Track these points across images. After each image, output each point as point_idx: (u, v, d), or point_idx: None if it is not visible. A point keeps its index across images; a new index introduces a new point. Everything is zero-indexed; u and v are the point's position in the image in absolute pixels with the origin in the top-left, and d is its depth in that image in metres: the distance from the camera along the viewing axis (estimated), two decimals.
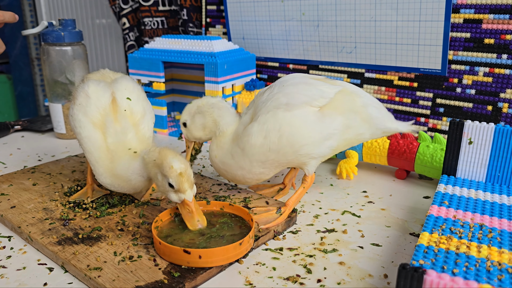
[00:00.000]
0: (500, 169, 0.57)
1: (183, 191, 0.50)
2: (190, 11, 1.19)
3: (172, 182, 0.50)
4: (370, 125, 0.59)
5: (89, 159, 0.57)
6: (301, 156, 0.57)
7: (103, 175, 0.56)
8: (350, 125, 0.57)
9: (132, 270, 0.46)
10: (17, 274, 0.48)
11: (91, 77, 0.62)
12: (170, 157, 0.50)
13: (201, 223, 0.51)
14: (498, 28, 0.73)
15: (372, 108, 0.59)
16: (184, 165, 0.50)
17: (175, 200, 0.51)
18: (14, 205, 0.61)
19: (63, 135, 0.97)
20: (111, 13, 1.61)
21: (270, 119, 0.56)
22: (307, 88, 0.57)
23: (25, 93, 2.13)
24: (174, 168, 0.49)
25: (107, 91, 0.58)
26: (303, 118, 0.55)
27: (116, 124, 0.56)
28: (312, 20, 0.93)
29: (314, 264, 0.49)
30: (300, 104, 0.56)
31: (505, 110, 0.75)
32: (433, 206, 0.50)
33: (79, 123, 0.56)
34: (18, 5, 2.02)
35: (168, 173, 0.50)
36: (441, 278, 0.32)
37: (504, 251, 0.40)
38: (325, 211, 0.62)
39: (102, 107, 0.57)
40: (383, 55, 0.86)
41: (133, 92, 0.59)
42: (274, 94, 0.58)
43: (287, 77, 0.60)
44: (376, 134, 0.60)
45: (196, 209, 0.51)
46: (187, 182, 0.50)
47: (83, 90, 0.57)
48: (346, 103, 0.57)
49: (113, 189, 0.58)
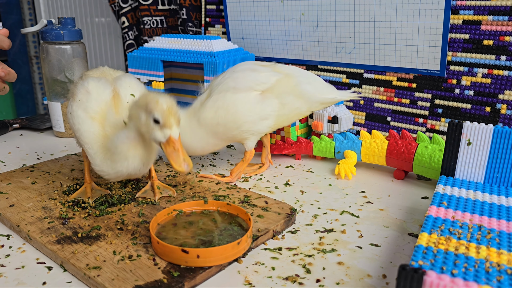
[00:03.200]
0: (499, 170, 0.57)
1: (169, 126, 0.48)
2: (190, 11, 1.19)
3: (157, 117, 0.48)
4: (304, 100, 0.68)
5: (87, 150, 0.56)
6: (243, 132, 0.67)
7: (99, 166, 0.55)
8: (284, 103, 0.67)
9: (131, 269, 0.46)
10: (16, 273, 0.48)
11: (91, 74, 0.62)
12: (154, 94, 0.49)
13: (187, 164, 0.49)
14: (497, 29, 0.74)
15: (305, 85, 0.68)
16: (169, 100, 0.49)
17: (159, 138, 0.49)
18: (13, 203, 0.61)
19: (62, 134, 0.97)
20: (111, 11, 1.61)
21: (220, 98, 0.66)
22: (252, 75, 0.67)
23: (24, 91, 2.13)
24: (160, 102, 0.48)
25: (107, 87, 0.57)
26: (246, 100, 0.66)
27: (117, 115, 0.56)
28: (312, 21, 0.93)
29: (313, 264, 0.49)
30: (245, 88, 0.66)
31: (504, 111, 0.75)
32: (432, 207, 0.50)
33: (78, 119, 0.56)
34: (17, 3, 2.01)
35: (153, 107, 0.48)
36: (441, 279, 0.33)
37: (503, 252, 0.40)
38: (323, 211, 0.62)
39: (103, 102, 0.56)
40: (382, 55, 0.86)
41: (137, 90, 0.59)
42: (225, 79, 0.68)
43: (238, 64, 0.70)
44: (315, 106, 0.70)
45: (181, 148, 0.49)
46: (174, 116, 0.49)
47: (83, 87, 0.57)
48: (282, 87, 0.67)
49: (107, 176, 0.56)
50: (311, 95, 0.68)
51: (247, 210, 0.59)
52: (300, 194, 0.67)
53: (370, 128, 0.91)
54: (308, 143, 0.80)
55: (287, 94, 0.67)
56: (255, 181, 0.72)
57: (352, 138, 0.77)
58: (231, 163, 0.81)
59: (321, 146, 0.79)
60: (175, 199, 0.63)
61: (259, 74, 0.67)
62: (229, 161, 0.82)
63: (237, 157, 0.84)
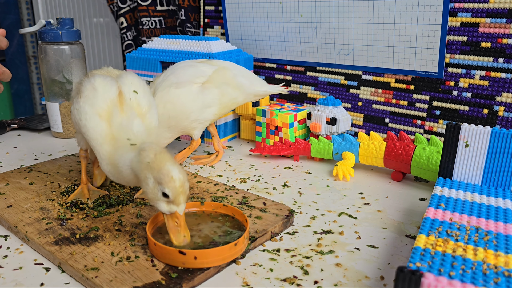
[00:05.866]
0: (496, 172, 0.58)
1: (177, 204, 0.47)
2: (188, 11, 1.19)
3: (168, 193, 0.46)
4: (241, 91, 0.76)
5: (94, 146, 0.55)
6: (192, 122, 0.74)
7: (105, 161, 0.54)
8: (224, 93, 0.74)
9: (129, 271, 0.46)
10: (14, 274, 0.48)
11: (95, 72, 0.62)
12: (169, 165, 0.47)
13: (186, 240, 0.48)
14: (495, 32, 0.74)
15: (241, 77, 0.76)
16: (183, 176, 0.47)
17: (164, 210, 0.48)
18: (10, 204, 0.61)
19: (60, 134, 0.97)
20: (109, 12, 1.61)
21: (165, 94, 0.72)
22: (191, 70, 0.74)
23: (22, 91, 2.12)
24: (173, 179, 0.46)
25: (113, 84, 0.57)
26: (188, 92, 0.73)
27: (122, 114, 0.55)
28: (310, 22, 0.93)
29: (311, 265, 0.49)
30: (186, 82, 0.73)
31: (501, 114, 0.75)
32: (430, 209, 0.50)
33: (85, 115, 0.55)
34: (15, 3, 2.01)
35: (165, 182, 0.46)
36: (439, 281, 0.33)
37: (500, 254, 0.40)
38: (322, 212, 0.62)
39: (109, 99, 0.55)
40: (380, 57, 0.86)
41: (139, 87, 0.59)
42: (167, 76, 0.74)
43: (178, 63, 0.77)
44: (249, 98, 0.78)
45: (183, 224, 0.48)
46: (184, 195, 0.47)
47: (89, 83, 0.56)
48: (220, 78, 0.74)
49: (111, 177, 0.55)
50: (247, 87, 0.76)
51: (245, 211, 0.59)
52: (298, 195, 0.68)
53: (368, 130, 0.91)
54: (306, 145, 0.81)
55: (226, 85, 0.74)
56: (253, 182, 0.73)
57: (350, 139, 0.77)
58: (229, 164, 0.81)
59: (319, 147, 0.79)
60: None
61: (197, 68, 0.74)
62: (227, 162, 0.82)
63: (235, 158, 0.84)
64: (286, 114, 0.84)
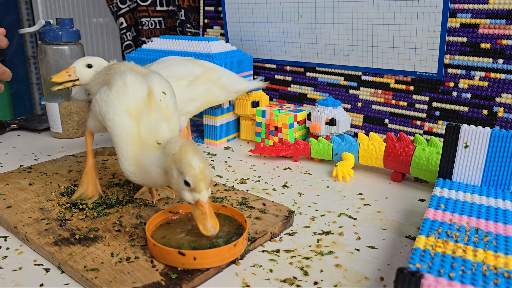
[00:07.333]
0: (496, 173, 0.58)
1: (199, 191, 0.48)
2: (188, 12, 1.19)
3: (188, 180, 0.47)
4: (223, 90, 0.83)
5: (118, 143, 0.54)
6: None
7: (128, 161, 0.54)
8: (209, 90, 0.81)
9: (129, 271, 0.46)
10: (13, 275, 0.47)
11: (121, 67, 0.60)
12: (191, 155, 0.48)
13: (213, 227, 0.48)
14: (494, 33, 0.74)
15: (224, 78, 0.83)
16: (203, 164, 0.48)
17: (189, 199, 0.49)
18: (10, 204, 0.61)
19: (60, 135, 0.97)
20: (109, 12, 1.61)
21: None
22: (182, 68, 0.80)
23: (21, 91, 2.12)
24: (193, 166, 0.47)
25: (144, 83, 0.56)
26: (177, 87, 0.78)
27: (150, 115, 0.55)
28: (310, 23, 0.93)
29: (310, 266, 0.49)
30: (177, 78, 0.79)
31: (501, 115, 0.75)
32: (429, 210, 0.50)
33: (113, 110, 0.54)
34: (14, 3, 2.01)
35: (186, 170, 0.47)
36: (438, 282, 0.33)
37: (499, 255, 0.40)
38: (321, 213, 0.62)
39: (140, 97, 0.55)
40: (380, 58, 0.86)
41: (167, 88, 0.58)
42: (159, 69, 0.79)
43: (167, 58, 0.83)
44: (230, 96, 0.86)
45: (210, 212, 0.49)
46: (204, 182, 0.48)
47: (120, 78, 0.56)
48: (207, 77, 0.81)
49: (133, 178, 0.55)
50: (229, 87, 0.84)
51: (244, 212, 0.59)
52: (298, 196, 0.68)
53: (368, 130, 0.91)
54: (306, 145, 0.81)
55: (212, 83, 0.82)
56: (253, 183, 0.72)
57: (350, 140, 0.77)
58: (229, 164, 0.81)
59: (319, 148, 0.79)
60: (173, 200, 0.63)
61: (187, 67, 0.80)
62: (226, 163, 0.82)
63: (235, 158, 0.84)
64: (286, 115, 0.84)
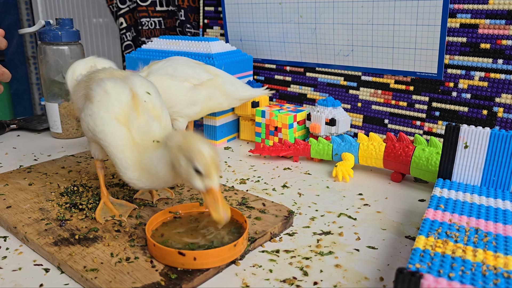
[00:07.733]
0: (495, 173, 0.58)
1: (211, 178, 0.47)
2: (188, 12, 1.19)
3: (199, 168, 0.46)
4: (227, 97, 0.81)
5: (114, 153, 0.53)
6: (173, 113, 0.77)
7: (130, 169, 0.52)
8: (212, 96, 0.79)
9: (129, 272, 0.46)
10: (13, 275, 0.47)
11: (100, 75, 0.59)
12: (198, 142, 0.47)
13: (226, 213, 0.47)
14: (494, 33, 0.74)
15: (229, 85, 0.81)
16: (212, 150, 0.47)
17: (200, 187, 0.47)
18: (10, 205, 0.61)
19: (60, 135, 0.97)
20: (108, 12, 1.61)
21: (158, 80, 0.76)
22: (189, 70, 0.78)
23: (21, 91, 2.12)
24: (202, 153, 0.46)
25: (125, 87, 0.55)
26: (180, 87, 0.77)
27: (139, 118, 0.54)
28: (310, 23, 0.93)
29: (310, 266, 0.49)
30: (182, 78, 0.77)
31: (500, 115, 0.76)
32: (429, 210, 0.50)
33: (101, 121, 0.53)
34: (14, 3, 2.01)
35: (195, 157, 0.46)
36: (438, 283, 0.33)
37: (499, 255, 0.40)
38: (321, 213, 0.62)
39: (125, 102, 0.54)
40: (380, 58, 0.86)
41: (150, 87, 0.57)
42: (166, 66, 0.77)
43: (176, 57, 0.81)
44: (234, 103, 0.83)
45: (221, 198, 0.47)
46: (215, 167, 0.47)
47: (100, 87, 0.54)
48: (211, 82, 0.79)
49: (141, 184, 0.53)
50: (233, 94, 0.82)
51: (244, 212, 0.59)
52: (298, 196, 0.68)
53: (368, 131, 0.91)
54: (306, 145, 0.81)
55: (215, 89, 0.79)
56: (253, 183, 0.72)
57: (349, 140, 0.77)
58: (229, 164, 0.81)
59: (318, 148, 0.79)
60: (173, 200, 0.63)
61: (195, 70, 0.78)
62: (226, 163, 0.82)
63: (234, 158, 0.84)
64: (286, 115, 0.84)
